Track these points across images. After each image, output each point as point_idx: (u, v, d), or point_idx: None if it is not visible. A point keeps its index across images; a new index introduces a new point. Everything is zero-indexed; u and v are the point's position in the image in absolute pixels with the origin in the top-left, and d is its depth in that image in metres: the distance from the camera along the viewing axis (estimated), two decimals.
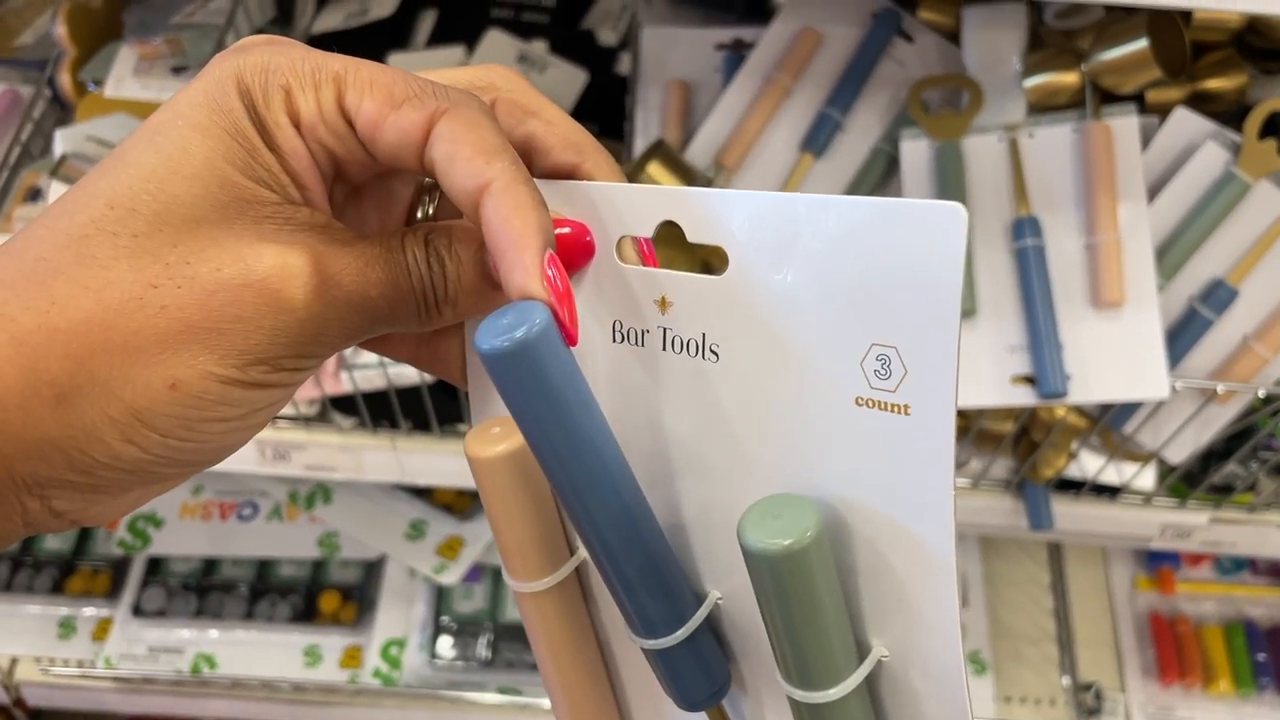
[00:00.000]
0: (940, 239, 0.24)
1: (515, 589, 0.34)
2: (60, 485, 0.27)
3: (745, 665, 0.33)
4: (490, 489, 0.32)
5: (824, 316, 0.26)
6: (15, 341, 0.25)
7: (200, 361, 0.26)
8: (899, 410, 0.25)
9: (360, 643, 1.14)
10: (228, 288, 0.26)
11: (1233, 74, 0.80)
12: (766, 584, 0.27)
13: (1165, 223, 0.76)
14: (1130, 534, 0.91)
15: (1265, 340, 0.76)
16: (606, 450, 0.28)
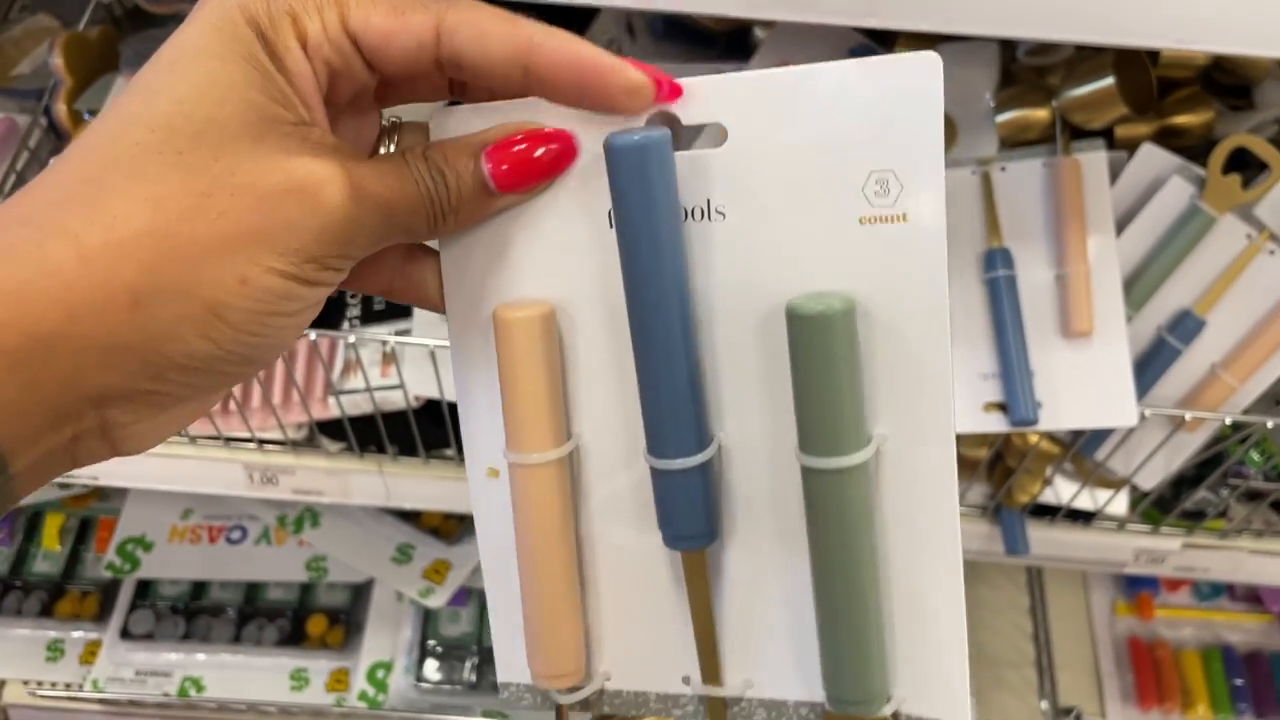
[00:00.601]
0: (922, 82, 0.30)
1: (515, 462, 0.35)
2: (125, 397, 0.29)
3: (728, 521, 0.36)
4: (515, 352, 0.34)
5: (823, 160, 0.31)
6: (83, 257, 0.27)
7: (263, 259, 0.28)
8: (898, 219, 0.31)
9: (347, 666, 1.14)
10: (274, 194, 0.28)
11: (1199, 110, 0.83)
12: (813, 348, 0.31)
13: (1133, 254, 0.78)
14: (1105, 559, 0.92)
15: (1232, 369, 0.78)
16: (680, 262, 0.32)
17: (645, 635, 0.37)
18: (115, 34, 1.02)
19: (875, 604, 0.33)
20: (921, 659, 0.34)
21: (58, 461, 0.30)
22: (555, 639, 0.36)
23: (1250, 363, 0.78)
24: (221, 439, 0.88)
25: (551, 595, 0.36)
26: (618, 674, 0.38)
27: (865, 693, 0.34)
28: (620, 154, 0.30)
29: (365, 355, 0.84)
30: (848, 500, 0.32)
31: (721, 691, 0.37)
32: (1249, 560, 0.92)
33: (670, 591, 0.37)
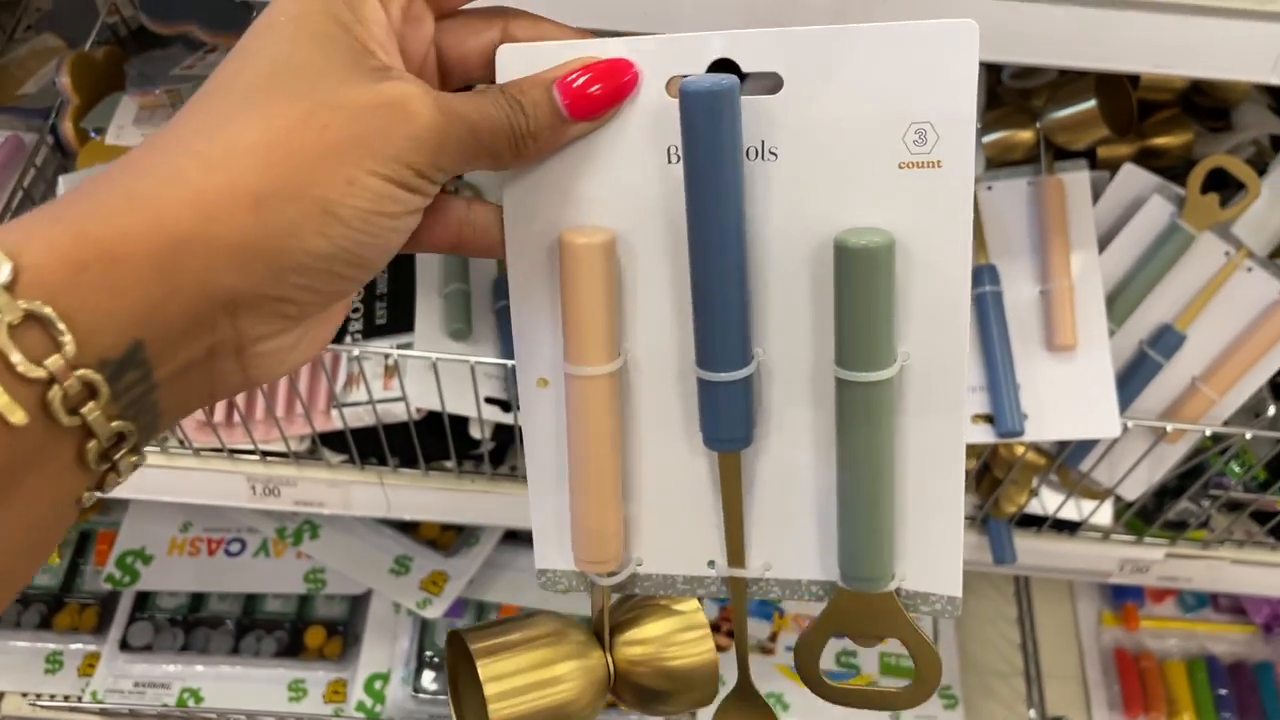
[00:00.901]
0: (960, 46, 0.34)
1: (572, 373, 0.39)
2: (252, 304, 0.32)
3: (761, 428, 0.40)
4: (579, 274, 0.38)
5: (868, 110, 0.35)
6: (209, 167, 0.30)
7: (365, 164, 0.32)
8: (933, 165, 0.35)
9: (345, 677, 1.16)
10: (369, 108, 0.32)
11: (1179, 132, 0.86)
12: (857, 278, 0.35)
13: (1115, 271, 0.81)
14: (1090, 569, 0.94)
15: (1212, 382, 0.81)
16: (739, 198, 0.36)
17: (677, 526, 0.42)
18: (121, 54, 1.04)
19: (890, 497, 0.38)
20: (924, 545, 0.39)
21: (196, 382, 0.33)
22: (599, 530, 0.41)
23: (1229, 376, 0.80)
24: (225, 451, 0.90)
25: (598, 492, 0.40)
26: (649, 560, 0.42)
27: (876, 571, 0.39)
28: (694, 99, 0.34)
29: (368, 368, 0.86)
30: (875, 408, 0.37)
31: (743, 572, 0.41)
32: (1230, 570, 0.94)
33: (703, 488, 0.41)
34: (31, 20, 1.16)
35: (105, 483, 0.31)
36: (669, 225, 0.38)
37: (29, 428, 0.28)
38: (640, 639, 0.44)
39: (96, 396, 0.29)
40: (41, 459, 0.29)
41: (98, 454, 0.30)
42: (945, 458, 0.38)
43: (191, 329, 0.31)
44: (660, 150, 0.37)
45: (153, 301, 0.29)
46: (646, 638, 0.44)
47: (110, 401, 0.29)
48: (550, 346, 0.40)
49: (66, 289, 0.28)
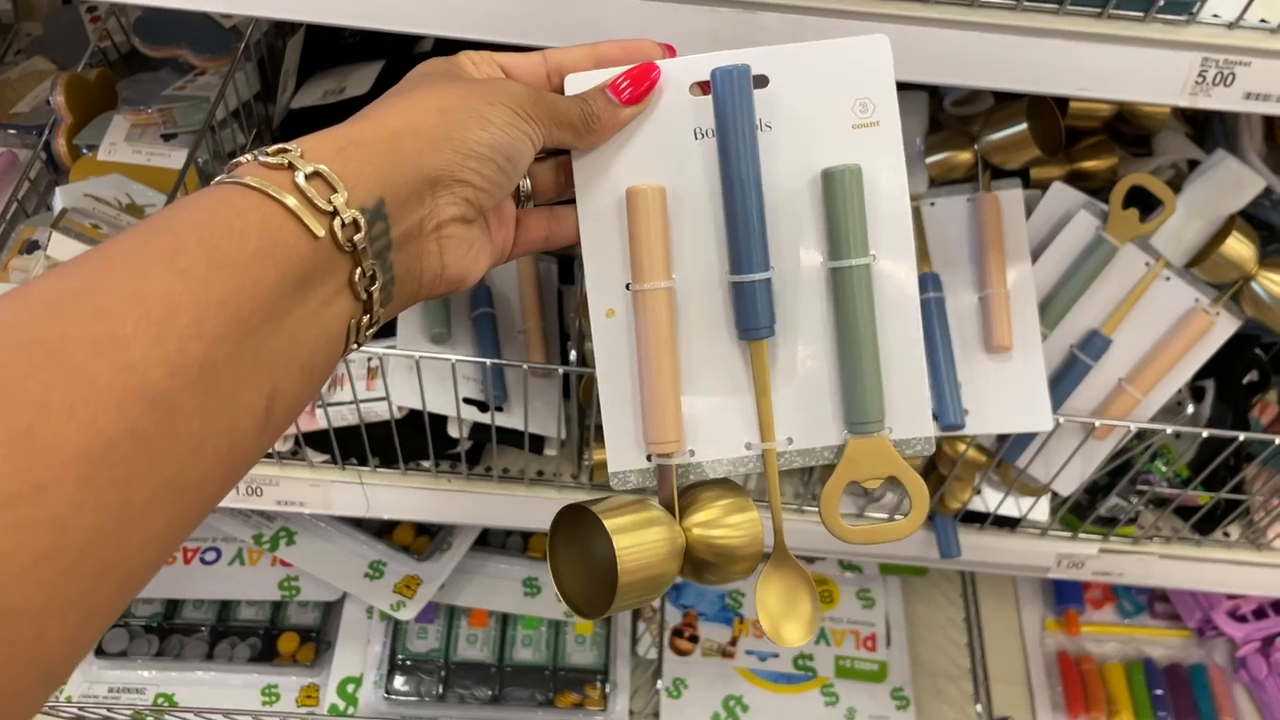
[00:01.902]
0: (878, 49, 0.52)
1: (640, 289, 0.52)
2: (446, 183, 0.46)
3: (779, 327, 0.53)
4: (645, 210, 0.52)
5: (828, 93, 0.52)
6: (405, 104, 0.46)
7: (496, 98, 0.48)
8: (874, 125, 0.52)
9: (317, 681, 1.19)
10: (492, 80, 0.51)
11: (1105, 156, 0.93)
12: (841, 190, 0.51)
13: (1047, 280, 0.87)
14: (1030, 564, 1.01)
15: (1137, 383, 0.88)
16: (756, 151, 0.51)
17: (720, 416, 0.53)
18: (113, 76, 1.09)
19: (876, 358, 0.51)
20: (902, 400, 0.52)
21: (412, 255, 0.46)
22: (667, 416, 0.52)
23: (1152, 377, 0.87)
24: None
25: (665, 385, 0.52)
26: (699, 449, 0.53)
27: (874, 414, 0.51)
28: (721, 75, 0.51)
29: (353, 369, 0.91)
30: (860, 288, 0.51)
31: (773, 446, 0.52)
32: (1159, 564, 1.00)
33: (739, 381, 0.53)
34: (22, 45, 1.21)
35: (360, 334, 0.45)
36: (699, 182, 0.53)
37: (323, 242, 0.41)
38: (698, 521, 0.51)
39: (360, 231, 0.42)
40: (329, 271, 0.42)
41: (362, 284, 0.43)
42: (908, 332, 0.52)
43: (411, 197, 0.45)
44: (689, 131, 0.53)
45: (386, 171, 0.43)
46: (703, 520, 0.51)
47: (368, 241, 0.42)
48: (616, 281, 0.53)
49: (335, 161, 0.42)
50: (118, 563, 0.34)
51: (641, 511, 0.50)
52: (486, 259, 0.51)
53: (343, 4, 0.66)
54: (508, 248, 0.54)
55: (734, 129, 0.51)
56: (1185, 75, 0.68)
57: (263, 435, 0.40)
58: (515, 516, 1.00)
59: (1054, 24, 0.66)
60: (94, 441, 0.33)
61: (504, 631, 1.23)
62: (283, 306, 0.40)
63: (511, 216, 0.54)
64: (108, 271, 0.36)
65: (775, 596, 0.52)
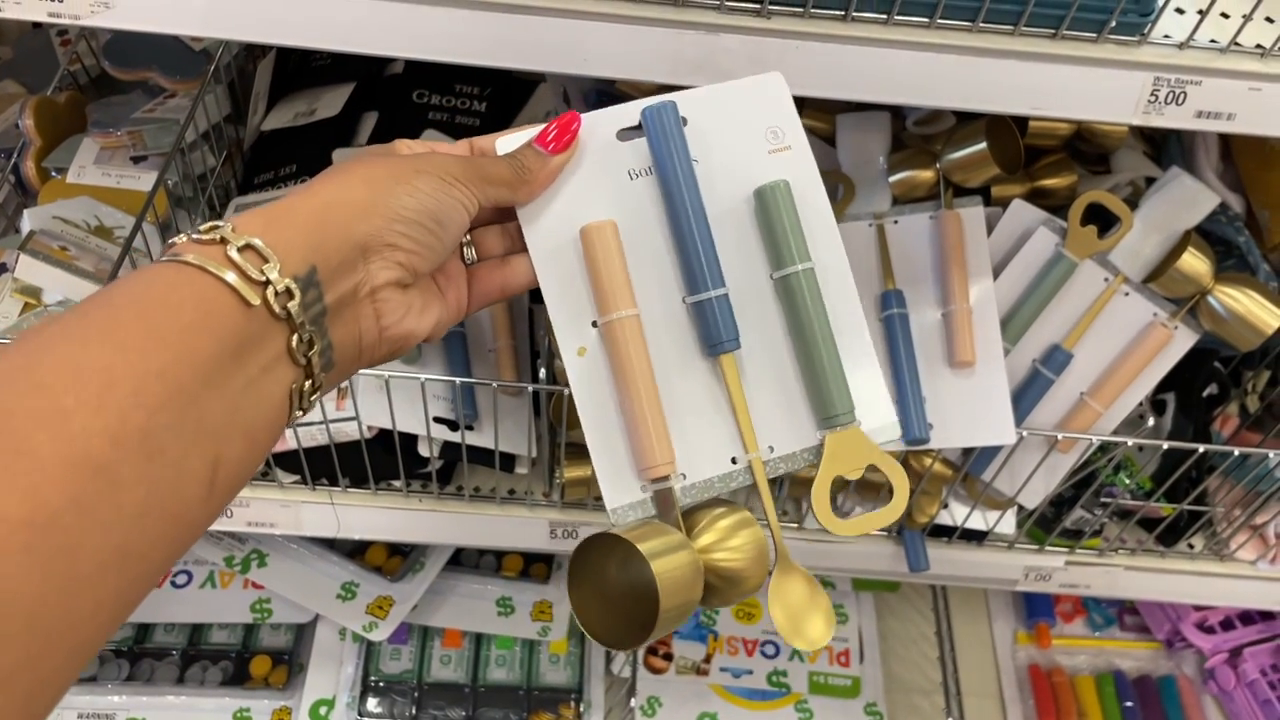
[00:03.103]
0: (778, 85, 0.58)
1: (608, 320, 0.54)
2: (376, 249, 0.47)
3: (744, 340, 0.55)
4: (600, 244, 0.54)
5: (743, 125, 0.58)
6: (334, 177, 0.49)
7: (425, 168, 0.50)
8: (786, 149, 0.58)
9: (290, 704, 1.18)
10: (421, 153, 0.53)
11: (1064, 174, 0.95)
12: (774, 205, 0.55)
13: (1008, 296, 0.89)
14: (998, 577, 1.02)
15: (1098, 397, 0.89)
16: (693, 177, 0.55)
17: (702, 437, 0.55)
18: (82, 99, 1.10)
19: (835, 352, 0.55)
20: (861, 391, 0.55)
21: (350, 320, 0.47)
22: (656, 439, 0.53)
23: (1113, 391, 0.89)
24: None
25: (649, 408, 0.53)
26: (689, 470, 0.54)
27: (843, 406, 0.54)
28: (651, 114, 0.55)
29: None
30: (809, 292, 0.55)
31: (758, 455, 0.54)
32: (1125, 576, 1.02)
33: (715, 399, 0.55)
34: None
35: (304, 399, 0.46)
36: (642, 218, 0.56)
37: (258, 311, 0.42)
38: (703, 545, 0.52)
39: (294, 299, 0.44)
40: (266, 339, 0.43)
41: (300, 350, 0.44)
42: (856, 330, 0.56)
43: (343, 265, 0.46)
44: (623, 173, 0.57)
45: (316, 241, 0.46)
46: (708, 544, 0.52)
47: (301, 308, 0.44)
48: (582, 320, 0.55)
49: (267, 233, 0.44)
50: (66, 631, 0.34)
51: (666, 534, 0.50)
52: (431, 318, 0.52)
53: (313, 27, 0.67)
54: (463, 304, 0.56)
55: (670, 160, 0.55)
56: (1138, 94, 0.70)
57: (209, 501, 0.41)
58: (487, 536, 1.00)
59: (1009, 45, 0.67)
60: (37, 511, 0.33)
61: (477, 651, 1.23)
62: (222, 375, 0.41)
63: (461, 274, 0.56)
64: (48, 347, 0.37)
65: (788, 603, 0.53)
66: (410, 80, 1.10)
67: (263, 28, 0.67)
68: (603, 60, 0.68)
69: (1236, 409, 1.04)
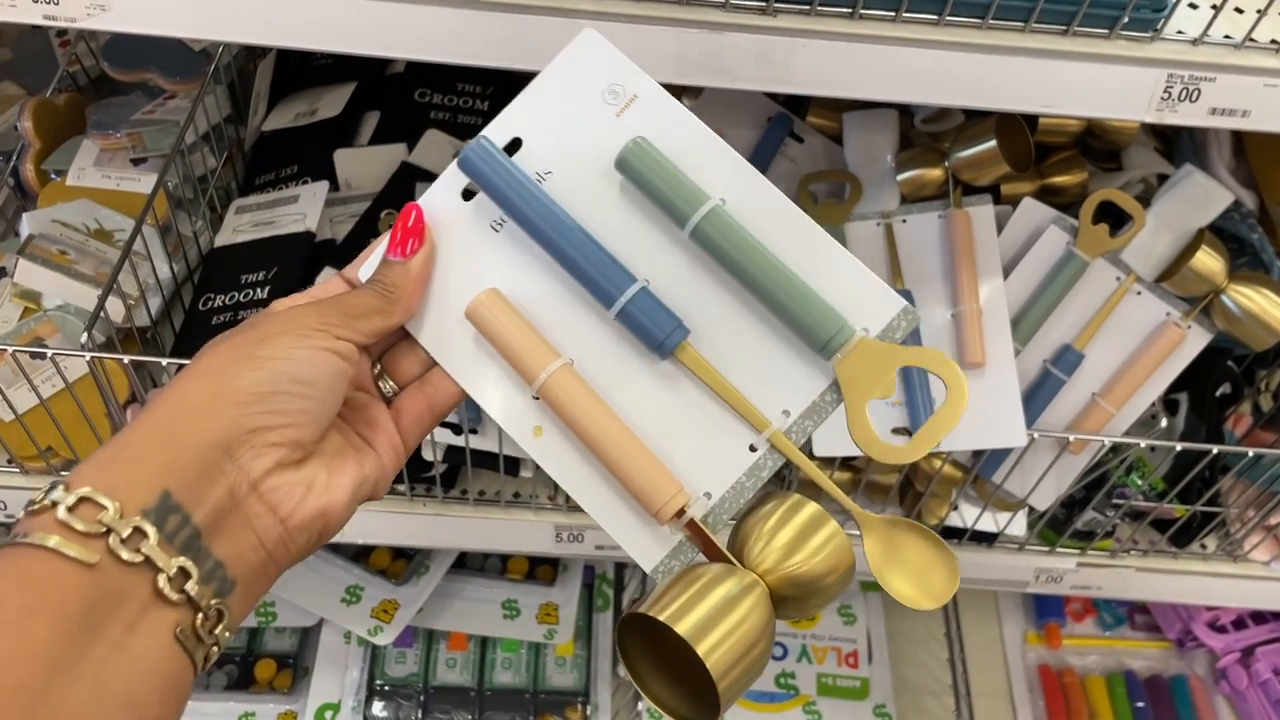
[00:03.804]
0: (590, 45, 0.52)
1: (540, 386, 0.49)
2: (240, 439, 0.42)
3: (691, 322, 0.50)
4: (491, 318, 0.50)
5: (578, 104, 0.52)
6: (169, 387, 0.44)
7: (282, 330, 0.45)
8: (633, 101, 0.51)
9: (295, 709, 1.17)
10: (273, 312, 0.48)
11: (1075, 171, 0.94)
12: (643, 164, 0.49)
13: (1019, 295, 0.88)
14: (1009, 579, 1.00)
15: (1110, 397, 0.88)
16: (544, 194, 0.50)
17: (706, 446, 0.49)
18: (82, 100, 1.09)
19: (795, 277, 0.48)
20: (849, 293, 0.48)
21: (238, 528, 0.42)
22: (651, 477, 0.48)
23: (1125, 391, 0.88)
24: None
25: (629, 449, 0.48)
26: (711, 486, 0.49)
27: (834, 323, 0.47)
28: (467, 161, 0.50)
29: None
30: (727, 230, 0.48)
31: (774, 428, 0.48)
32: (1136, 578, 1.00)
33: (697, 402, 0.49)
34: None
35: (205, 637, 0.41)
36: (524, 265, 0.51)
37: (103, 567, 0.37)
38: (770, 555, 0.46)
39: (148, 537, 0.39)
40: (123, 593, 0.38)
41: (175, 586, 0.39)
42: (810, 239, 0.49)
43: (204, 474, 0.41)
44: (485, 230, 0.52)
45: (164, 460, 0.41)
46: (775, 552, 0.46)
47: (164, 541, 0.39)
48: (521, 400, 0.51)
49: (102, 476, 0.40)
50: None
51: (708, 590, 0.44)
52: (347, 482, 0.46)
53: (313, 28, 0.66)
54: (399, 445, 0.51)
55: (512, 193, 0.50)
56: (1151, 91, 0.68)
57: None
58: (492, 539, 0.99)
59: (1020, 42, 0.66)
60: None
61: (483, 654, 1.22)
62: (70, 656, 0.36)
63: (385, 415, 0.51)
64: None
65: (899, 565, 0.46)
66: (412, 79, 1.09)
67: (262, 29, 0.66)
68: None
69: (1249, 408, 1.03)
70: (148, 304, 0.91)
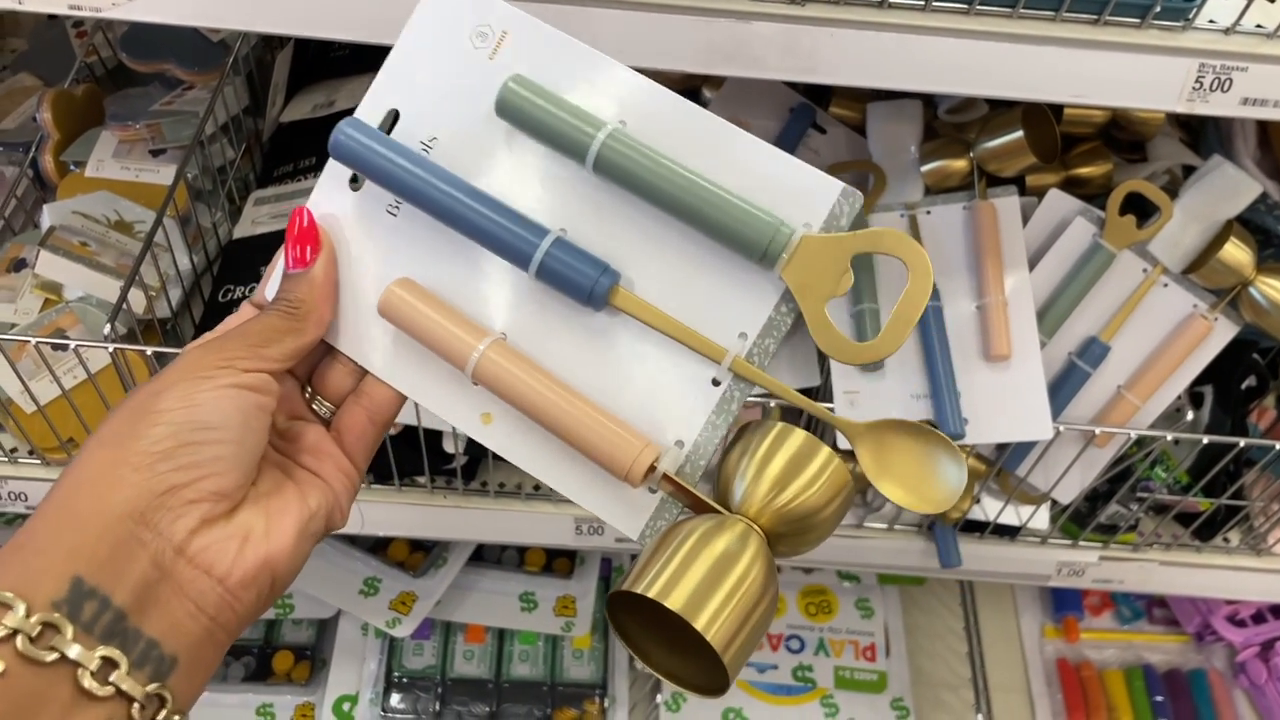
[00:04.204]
0: None
1: (473, 365, 0.45)
2: (152, 504, 0.39)
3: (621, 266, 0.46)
4: (408, 309, 0.46)
5: (446, 59, 0.48)
6: (69, 466, 0.41)
7: (178, 377, 0.42)
8: (503, 39, 0.47)
9: (313, 700, 1.18)
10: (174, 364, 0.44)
11: (1100, 162, 0.93)
12: (523, 102, 0.45)
13: (1044, 287, 0.87)
14: (1030, 572, 1.00)
15: (1136, 390, 0.87)
16: (428, 165, 0.46)
17: (665, 393, 0.46)
18: (100, 92, 1.08)
19: (717, 186, 0.44)
20: (784, 190, 0.44)
21: (170, 599, 0.39)
22: (612, 438, 0.44)
23: (1151, 384, 0.87)
24: None
25: (581, 415, 0.45)
26: (683, 433, 0.46)
27: (769, 225, 0.43)
28: (339, 146, 0.47)
29: None
30: (629, 152, 0.44)
31: (733, 353, 0.45)
32: (1159, 571, 1.00)
33: (647, 349, 0.46)
34: (7, 61, 1.20)
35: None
36: (433, 248, 0.48)
37: (12, 673, 0.35)
38: (759, 498, 0.43)
39: (62, 631, 0.36)
40: (38, 699, 0.35)
41: (99, 680, 0.36)
42: (725, 138, 0.45)
43: (119, 550, 0.38)
44: (381, 216, 0.49)
45: (73, 543, 0.37)
46: (753, 503, 0.43)
47: (81, 633, 0.36)
48: (461, 388, 0.48)
49: (6, 575, 0.36)
50: None
51: (697, 552, 0.40)
52: (291, 525, 0.43)
53: (332, 18, 0.65)
54: (346, 467, 0.48)
55: (394, 171, 0.46)
56: (1182, 81, 0.68)
57: None
58: (512, 532, 0.99)
59: (1050, 31, 0.65)
60: None
61: (501, 647, 1.22)
62: None
63: (325, 440, 0.48)
64: None
65: (890, 471, 0.43)
66: None
67: (281, 18, 0.65)
68: (628, 49, 0.66)
69: (1275, 401, 1.02)
70: (168, 295, 0.91)
